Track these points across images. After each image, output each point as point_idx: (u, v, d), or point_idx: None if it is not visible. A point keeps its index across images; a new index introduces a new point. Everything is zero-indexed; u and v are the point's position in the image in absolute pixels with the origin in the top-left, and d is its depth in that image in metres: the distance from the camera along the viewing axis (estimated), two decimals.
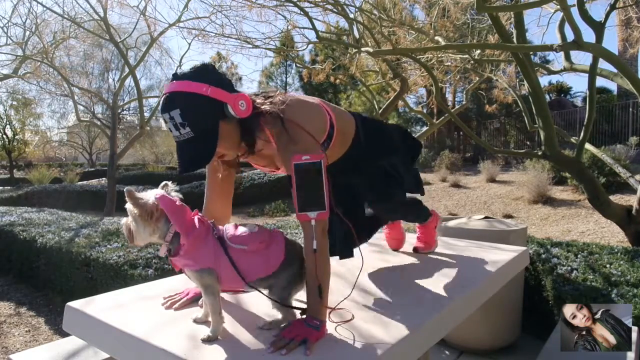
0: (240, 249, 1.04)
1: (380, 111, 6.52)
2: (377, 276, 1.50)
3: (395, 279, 1.50)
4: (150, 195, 1.02)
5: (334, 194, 1.06)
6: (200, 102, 1.02)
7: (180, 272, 1.10)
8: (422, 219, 1.82)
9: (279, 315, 1.08)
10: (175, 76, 1.05)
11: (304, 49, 7.97)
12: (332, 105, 1.38)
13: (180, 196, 1.08)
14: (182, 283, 1.38)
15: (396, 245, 1.89)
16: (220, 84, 1.06)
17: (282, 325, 1.06)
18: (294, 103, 1.19)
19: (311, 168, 1.02)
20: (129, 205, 1.00)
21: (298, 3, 5.15)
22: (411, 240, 2.01)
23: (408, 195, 1.70)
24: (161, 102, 1.06)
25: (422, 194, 1.72)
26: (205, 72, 1.06)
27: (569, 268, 2.40)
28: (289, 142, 1.11)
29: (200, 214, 1.11)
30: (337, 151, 1.36)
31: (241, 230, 1.08)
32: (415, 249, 1.84)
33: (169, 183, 1.08)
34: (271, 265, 1.05)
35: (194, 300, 1.24)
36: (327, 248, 1.08)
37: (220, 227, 1.10)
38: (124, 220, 1.04)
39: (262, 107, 1.12)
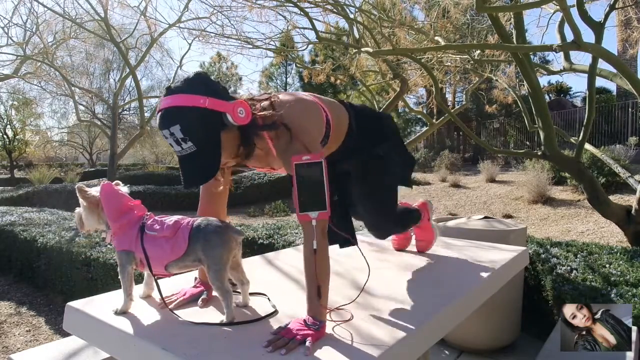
0: (152, 235, 1.14)
1: (380, 111, 6.51)
2: (377, 276, 1.51)
3: (395, 279, 1.51)
4: (98, 189, 1.19)
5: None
6: (199, 115, 1.00)
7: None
8: (414, 221, 1.78)
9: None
10: (169, 90, 1.02)
11: (304, 49, 7.98)
12: (324, 98, 1.35)
13: (126, 191, 1.23)
14: (181, 283, 1.39)
15: (403, 245, 1.88)
16: (216, 94, 1.03)
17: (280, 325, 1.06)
18: (292, 104, 1.18)
19: (312, 168, 1.02)
20: (80, 199, 1.18)
21: (298, 3, 5.15)
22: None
23: (398, 208, 1.64)
24: (158, 118, 1.03)
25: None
26: (200, 83, 1.03)
27: (569, 268, 2.40)
28: (289, 142, 1.11)
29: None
30: (332, 146, 1.35)
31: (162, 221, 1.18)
32: (420, 250, 1.84)
33: (120, 182, 1.25)
34: (178, 250, 1.11)
35: (191, 300, 1.25)
36: (327, 248, 1.08)
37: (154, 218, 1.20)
38: (77, 209, 1.21)
39: (261, 112, 1.11)
